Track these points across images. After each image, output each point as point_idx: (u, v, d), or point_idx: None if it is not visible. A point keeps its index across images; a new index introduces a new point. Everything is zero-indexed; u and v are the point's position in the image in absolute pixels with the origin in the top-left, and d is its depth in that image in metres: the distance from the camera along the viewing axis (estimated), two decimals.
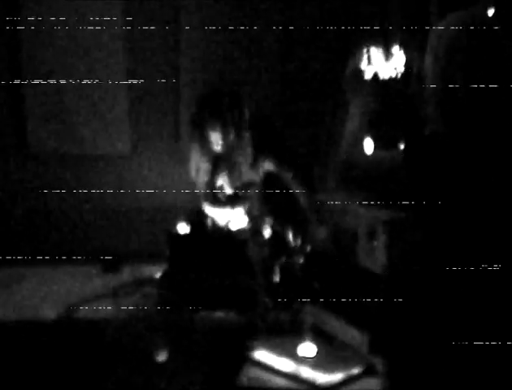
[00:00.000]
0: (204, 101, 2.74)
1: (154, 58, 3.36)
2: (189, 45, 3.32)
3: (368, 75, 2.41)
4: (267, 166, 2.76)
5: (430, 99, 1.96)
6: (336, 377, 1.86)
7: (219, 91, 2.79)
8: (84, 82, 3.30)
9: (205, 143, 2.72)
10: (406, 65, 2.39)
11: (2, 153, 3.34)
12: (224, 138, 2.68)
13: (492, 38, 1.87)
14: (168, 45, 3.35)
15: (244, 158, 2.73)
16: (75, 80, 3.31)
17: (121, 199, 3.33)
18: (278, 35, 3.33)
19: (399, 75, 2.38)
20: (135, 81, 3.34)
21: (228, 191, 2.79)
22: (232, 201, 2.77)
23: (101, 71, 3.33)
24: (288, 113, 3.28)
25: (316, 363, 1.93)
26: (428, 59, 1.94)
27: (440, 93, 1.91)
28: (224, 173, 2.77)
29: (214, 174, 2.77)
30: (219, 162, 2.77)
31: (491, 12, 2.38)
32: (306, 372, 1.88)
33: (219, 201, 2.78)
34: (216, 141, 2.69)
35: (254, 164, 2.75)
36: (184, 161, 3.05)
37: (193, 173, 2.85)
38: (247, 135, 2.72)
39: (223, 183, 2.78)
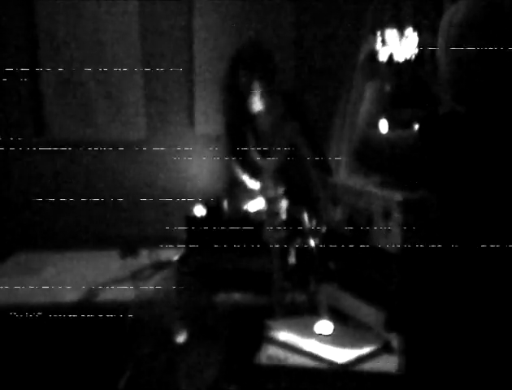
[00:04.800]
0: (241, 54, 2.85)
1: (168, 46, 3.39)
2: (203, 28, 3.34)
3: (383, 57, 2.41)
4: (291, 137, 2.79)
5: (443, 79, 1.96)
6: (353, 354, 1.88)
7: (254, 45, 2.89)
8: (100, 69, 3.33)
9: (239, 100, 2.79)
10: (420, 46, 2.39)
11: (22, 141, 3.38)
12: (258, 93, 2.75)
13: (504, 19, 1.87)
14: (182, 32, 3.37)
15: (275, 119, 2.77)
16: (92, 68, 3.34)
17: (137, 184, 3.37)
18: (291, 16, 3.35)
19: (413, 57, 2.38)
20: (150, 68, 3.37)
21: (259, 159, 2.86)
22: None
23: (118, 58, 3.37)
24: (303, 95, 3.29)
25: (333, 341, 1.94)
26: (441, 41, 1.94)
27: (453, 73, 1.91)
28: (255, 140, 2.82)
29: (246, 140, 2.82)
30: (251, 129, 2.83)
31: None
32: (324, 349, 1.90)
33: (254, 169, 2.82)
34: (251, 96, 2.76)
35: (282, 130, 2.78)
36: (199, 144, 3.07)
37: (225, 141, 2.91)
38: (279, 96, 2.80)
39: (255, 152, 2.84)
